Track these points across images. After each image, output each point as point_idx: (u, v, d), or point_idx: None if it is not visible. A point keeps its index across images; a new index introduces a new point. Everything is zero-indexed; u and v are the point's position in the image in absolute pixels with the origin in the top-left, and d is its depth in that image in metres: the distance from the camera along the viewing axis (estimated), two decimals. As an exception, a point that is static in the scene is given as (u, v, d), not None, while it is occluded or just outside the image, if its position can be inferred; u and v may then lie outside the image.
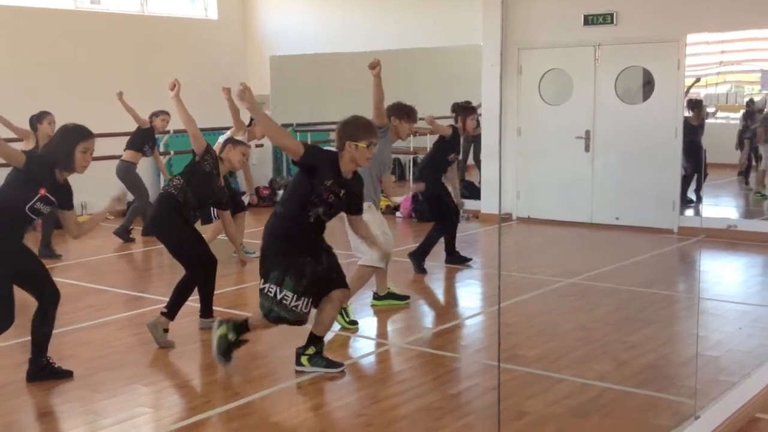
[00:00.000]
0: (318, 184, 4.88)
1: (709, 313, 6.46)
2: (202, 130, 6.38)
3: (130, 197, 10.05)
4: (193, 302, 6.35)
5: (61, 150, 4.89)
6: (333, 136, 5.26)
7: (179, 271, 6.23)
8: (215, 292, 6.20)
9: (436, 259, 8.46)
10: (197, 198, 5.97)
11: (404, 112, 6.66)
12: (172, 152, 12.37)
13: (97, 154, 5.78)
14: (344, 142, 4.93)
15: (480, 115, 8.25)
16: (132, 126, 10.22)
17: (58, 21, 11.61)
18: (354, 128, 4.95)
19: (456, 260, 8.32)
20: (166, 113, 10.05)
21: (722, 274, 8.21)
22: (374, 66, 6.07)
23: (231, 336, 5.13)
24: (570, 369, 5.22)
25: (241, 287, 7.72)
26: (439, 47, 12.03)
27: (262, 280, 5.00)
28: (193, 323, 6.32)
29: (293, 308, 4.91)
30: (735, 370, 5.11)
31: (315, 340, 5.23)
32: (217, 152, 6.23)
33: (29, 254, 5.06)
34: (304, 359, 5.23)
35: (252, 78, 13.69)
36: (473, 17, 11.26)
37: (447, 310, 7.09)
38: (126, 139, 10.28)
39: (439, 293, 7.62)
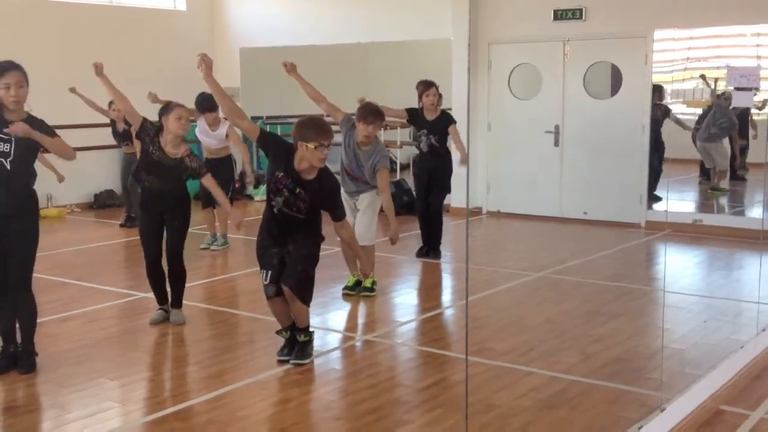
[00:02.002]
0: (272, 171, 5.08)
1: (674, 307, 6.54)
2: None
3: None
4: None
5: None
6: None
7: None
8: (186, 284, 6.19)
9: (406, 253, 8.47)
10: (158, 177, 5.89)
11: (360, 114, 6.70)
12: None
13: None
14: (297, 142, 5.01)
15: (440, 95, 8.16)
16: (96, 118, 10.16)
17: (24, 10, 11.44)
18: (305, 129, 5.00)
19: (435, 255, 8.36)
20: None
21: (688, 268, 8.32)
22: (285, 67, 6.48)
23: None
24: (538, 362, 5.26)
25: (209, 281, 7.67)
26: (410, 41, 12.03)
27: None
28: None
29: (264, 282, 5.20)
30: (700, 362, 5.17)
31: (302, 331, 5.30)
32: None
33: None
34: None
35: (222, 70, 13.51)
36: (442, 11, 11.26)
37: (416, 303, 7.10)
38: (89, 130, 10.24)
39: (409, 287, 7.63)
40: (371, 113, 6.67)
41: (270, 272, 5.15)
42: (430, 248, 8.38)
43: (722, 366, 4.88)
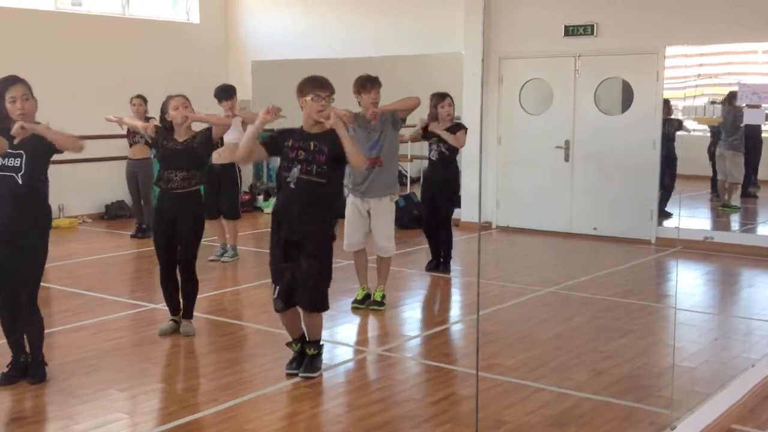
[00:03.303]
0: (284, 153, 5.09)
1: (685, 324, 6.51)
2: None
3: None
4: (166, 307, 6.32)
5: None
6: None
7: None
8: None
9: (414, 267, 8.46)
10: (174, 170, 5.95)
11: (357, 88, 6.70)
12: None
13: (75, 157, 5.76)
14: (299, 101, 5.12)
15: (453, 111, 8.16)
16: (108, 129, 10.20)
17: (38, 22, 11.52)
18: (302, 85, 5.13)
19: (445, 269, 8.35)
20: (140, 97, 10.17)
21: (698, 285, 8.28)
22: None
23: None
24: (548, 378, 5.24)
25: (218, 293, 7.67)
26: (420, 55, 12.05)
27: None
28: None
29: (273, 297, 5.16)
30: (711, 381, 5.14)
31: (312, 344, 5.31)
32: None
33: None
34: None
35: (233, 82, 13.45)
36: (454, 25, 11.30)
37: (425, 318, 7.08)
38: (101, 141, 10.31)
39: (418, 301, 7.62)
40: (367, 80, 6.67)
41: (279, 288, 5.09)
42: (440, 262, 8.36)
43: (733, 385, 4.86)
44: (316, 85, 5.07)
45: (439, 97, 8.09)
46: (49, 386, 5.04)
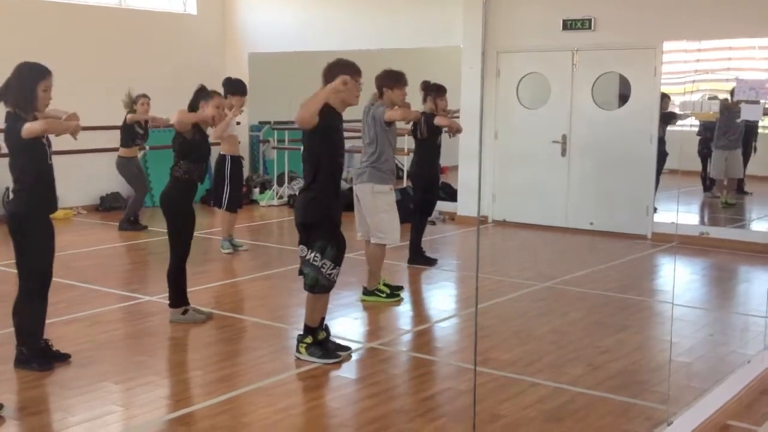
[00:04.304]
0: (333, 136, 5.21)
1: (681, 320, 6.51)
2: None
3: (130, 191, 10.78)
4: (161, 299, 6.31)
5: (22, 91, 4.94)
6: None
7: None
8: (190, 289, 6.18)
9: (403, 260, 8.42)
10: (200, 162, 6.18)
11: (393, 82, 6.83)
12: (147, 147, 12.26)
13: (69, 148, 5.75)
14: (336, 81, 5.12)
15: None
16: (105, 120, 10.20)
17: (35, 12, 11.46)
18: (341, 67, 5.26)
19: (423, 261, 8.32)
20: (146, 96, 10.12)
21: (694, 281, 8.29)
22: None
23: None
24: (544, 373, 5.24)
25: (215, 285, 7.65)
26: (418, 48, 12.02)
27: (307, 249, 5.22)
28: (164, 320, 6.27)
29: (329, 276, 5.23)
30: (707, 376, 5.15)
31: (310, 330, 5.37)
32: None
33: None
34: (301, 347, 5.37)
35: (230, 74, 13.43)
36: (453, 19, 11.27)
37: (422, 312, 7.08)
38: (96, 132, 10.28)
39: (414, 295, 7.61)
40: (402, 76, 6.90)
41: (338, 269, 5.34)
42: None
43: (729, 380, 4.87)
44: (355, 69, 5.24)
45: (439, 90, 8.11)
46: (43, 378, 5.03)
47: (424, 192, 8.27)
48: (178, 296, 6.22)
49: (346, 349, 5.54)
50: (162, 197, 6.21)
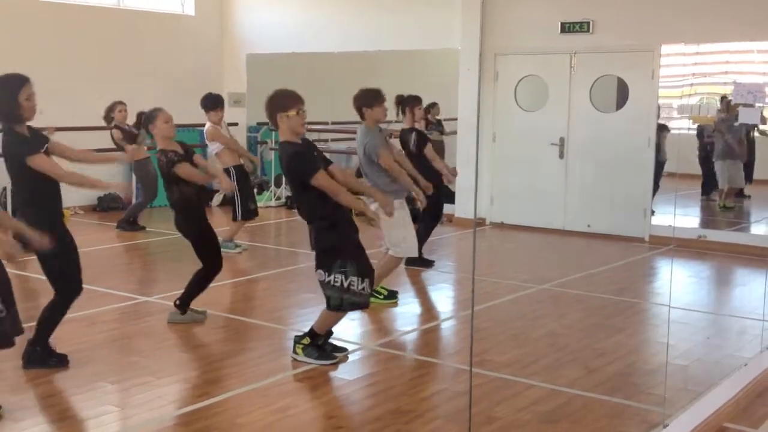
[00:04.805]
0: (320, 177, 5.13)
1: (677, 322, 6.50)
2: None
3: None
4: (159, 299, 6.29)
5: (6, 103, 4.83)
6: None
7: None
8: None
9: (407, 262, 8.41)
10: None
11: (372, 100, 6.68)
12: (149, 140, 12.19)
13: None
14: (275, 115, 5.28)
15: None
16: (102, 121, 10.13)
17: (31, 13, 11.45)
18: (280, 99, 5.31)
19: (420, 263, 8.31)
20: (122, 103, 10.03)
21: (691, 284, 8.29)
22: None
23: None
24: (540, 375, 5.23)
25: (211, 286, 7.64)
26: (416, 50, 12.02)
27: (324, 273, 5.18)
28: (161, 321, 6.27)
29: (361, 291, 5.21)
30: (703, 379, 5.15)
31: (313, 333, 5.37)
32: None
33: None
34: (298, 348, 5.37)
35: (228, 75, 13.64)
36: (451, 21, 11.28)
37: (418, 313, 7.07)
38: (94, 133, 10.25)
39: (411, 297, 7.61)
40: (380, 93, 6.73)
41: (371, 280, 5.35)
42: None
43: (725, 383, 4.86)
44: (299, 100, 5.22)
45: (414, 100, 8.10)
46: (40, 378, 5.02)
47: (429, 197, 8.26)
48: (190, 301, 6.24)
49: (343, 350, 5.53)
50: (175, 224, 6.23)
